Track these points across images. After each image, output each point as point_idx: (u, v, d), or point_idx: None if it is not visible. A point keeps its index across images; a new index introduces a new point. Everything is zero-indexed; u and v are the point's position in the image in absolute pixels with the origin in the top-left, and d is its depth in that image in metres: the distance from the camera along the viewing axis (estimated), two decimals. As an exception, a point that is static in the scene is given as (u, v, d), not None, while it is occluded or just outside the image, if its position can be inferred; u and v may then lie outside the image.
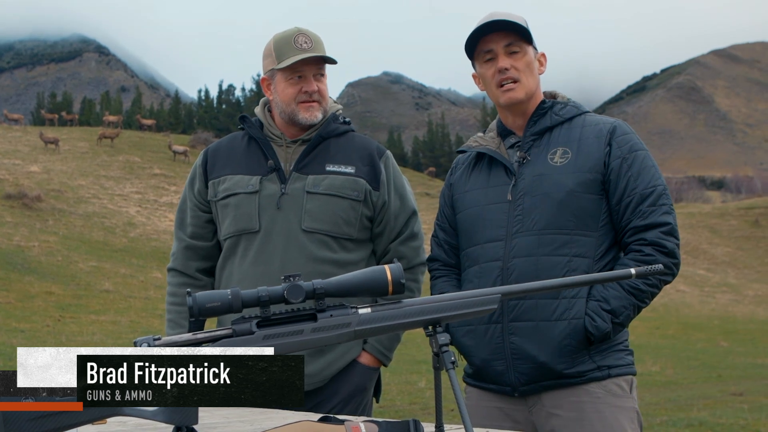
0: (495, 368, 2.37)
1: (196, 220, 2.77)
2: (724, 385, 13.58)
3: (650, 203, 2.32)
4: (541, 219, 2.34)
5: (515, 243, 2.35)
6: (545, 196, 2.35)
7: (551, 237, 2.32)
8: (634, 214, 2.33)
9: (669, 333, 24.21)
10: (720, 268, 50.44)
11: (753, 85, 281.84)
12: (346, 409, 2.60)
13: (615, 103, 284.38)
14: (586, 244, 2.33)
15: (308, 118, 2.66)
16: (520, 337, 2.32)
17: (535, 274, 2.30)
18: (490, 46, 2.42)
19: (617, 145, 2.37)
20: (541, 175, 2.38)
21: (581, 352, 2.31)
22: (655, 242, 2.30)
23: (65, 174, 34.91)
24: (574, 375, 2.31)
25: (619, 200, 2.34)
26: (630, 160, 2.36)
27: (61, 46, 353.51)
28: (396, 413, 8.93)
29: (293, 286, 1.61)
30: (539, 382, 2.33)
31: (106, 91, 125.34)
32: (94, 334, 14.23)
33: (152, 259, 24.37)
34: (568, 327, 2.29)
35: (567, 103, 2.49)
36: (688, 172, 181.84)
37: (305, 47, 2.61)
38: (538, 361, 2.31)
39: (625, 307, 2.29)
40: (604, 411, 2.31)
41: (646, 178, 2.34)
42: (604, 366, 2.33)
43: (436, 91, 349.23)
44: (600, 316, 2.28)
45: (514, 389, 2.36)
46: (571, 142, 2.40)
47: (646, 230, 2.31)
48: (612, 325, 2.28)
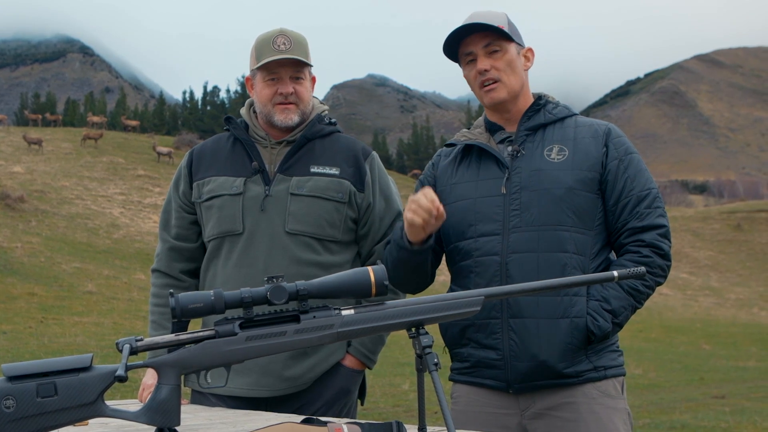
0: (492, 364, 2.36)
1: (180, 222, 2.76)
2: (707, 388, 13.67)
3: (647, 205, 2.35)
4: (541, 215, 2.33)
5: (514, 238, 2.34)
6: (545, 191, 2.34)
7: (552, 233, 2.32)
8: (631, 215, 2.34)
9: (652, 336, 24.33)
10: (702, 271, 50.75)
11: (735, 90, 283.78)
12: (330, 411, 2.59)
13: (599, 107, 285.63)
14: (584, 241, 2.34)
15: (283, 120, 2.65)
16: (521, 334, 2.30)
17: (535, 269, 2.29)
18: (470, 48, 2.43)
19: (614, 147, 2.39)
20: (538, 170, 2.37)
21: (579, 352, 2.31)
22: (653, 244, 2.32)
23: (48, 175, 34.71)
24: (572, 375, 2.31)
25: (617, 201, 2.36)
26: (626, 162, 2.38)
27: (45, 47, 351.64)
28: (379, 415, 8.93)
29: (276, 287, 1.60)
30: (536, 381, 2.32)
31: (90, 92, 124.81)
32: (77, 335, 14.14)
33: (136, 260, 24.25)
34: (570, 326, 2.28)
35: (558, 104, 2.51)
36: (671, 176, 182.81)
37: (282, 48, 2.60)
38: (539, 360, 2.29)
39: (625, 307, 2.31)
40: (599, 412, 2.31)
41: (642, 181, 2.37)
42: (600, 367, 2.34)
43: (421, 94, 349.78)
44: (602, 315, 2.29)
45: (509, 386, 2.34)
46: (567, 140, 2.40)
47: (644, 231, 2.33)
48: (612, 325, 2.30)
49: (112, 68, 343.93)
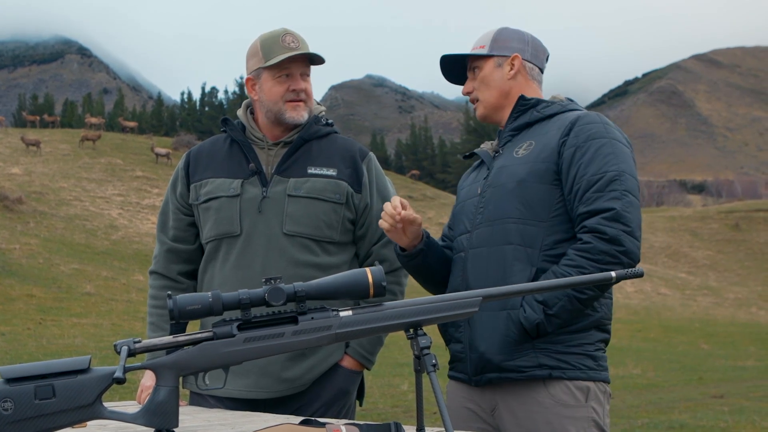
0: (459, 357, 2.41)
1: (178, 223, 2.76)
2: (705, 387, 13.67)
3: (596, 189, 2.22)
4: (495, 210, 2.36)
5: (476, 234, 2.40)
6: (501, 186, 2.38)
7: (501, 227, 2.33)
8: (580, 202, 2.24)
9: (650, 336, 24.35)
10: (701, 271, 50.78)
11: (733, 90, 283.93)
12: (328, 413, 2.60)
13: (597, 107, 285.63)
14: (533, 234, 2.29)
15: (295, 117, 2.65)
16: (472, 327, 2.34)
17: (485, 263, 2.33)
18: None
19: (575, 135, 2.31)
20: (502, 167, 2.41)
21: (523, 345, 2.25)
22: (595, 228, 2.19)
23: (47, 176, 34.66)
24: (512, 369, 2.26)
25: (570, 189, 2.28)
26: (585, 148, 2.28)
27: (42, 48, 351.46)
28: (378, 416, 8.93)
29: (274, 288, 1.61)
30: (484, 374, 2.32)
31: (88, 93, 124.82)
32: (76, 337, 14.13)
33: (134, 261, 24.23)
34: (507, 318, 2.26)
35: (554, 102, 2.49)
36: (669, 176, 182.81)
37: (293, 46, 2.61)
38: (479, 351, 2.31)
39: (559, 297, 2.19)
40: (553, 422, 2.25)
41: (598, 165, 2.25)
42: (546, 365, 2.24)
43: (419, 95, 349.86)
44: (531, 306, 2.22)
45: (469, 378, 2.37)
46: (540, 135, 2.40)
47: (589, 217, 2.22)
48: (545, 316, 2.20)
49: (110, 69, 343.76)
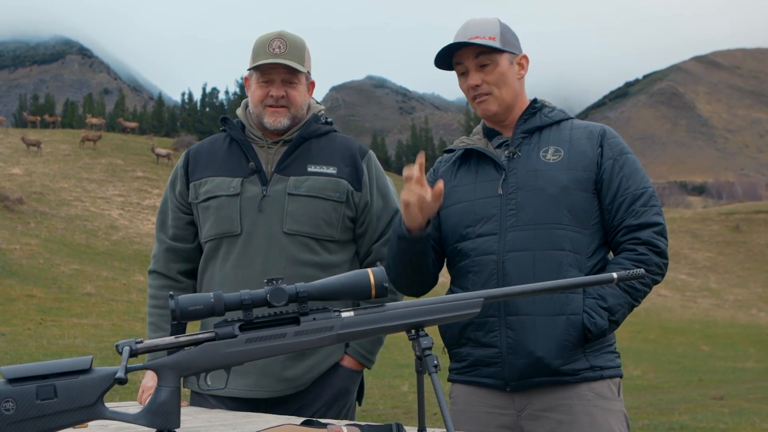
0: (490, 362, 2.36)
1: (177, 222, 2.75)
2: (705, 389, 13.67)
3: (642, 203, 2.36)
4: (537, 214, 2.35)
5: (510, 237, 2.36)
6: (540, 190, 2.36)
7: (547, 232, 2.34)
8: (627, 213, 2.36)
9: (650, 337, 24.34)
10: (701, 272, 50.76)
11: (734, 92, 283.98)
12: (329, 412, 2.60)
13: (598, 108, 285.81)
14: (580, 240, 2.35)
15: (272, 123, 2.65)
16: (518, 331, 2.31)
17: (531, 267, 2.31)
18: (461, 59, 2.46)
19: (609, 147, 2.42)
20: (534, 170, 2.39)
21: (577, 349, 2.31)
22: (649, 242, 2.33)
23: (47, 176, 34.67)
24: (568, 372, 2.31)
25: (612, 199, 2.37)
26: (621, 161, 2.40)
27: (43, 48, 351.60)
28: (379, 417, 8.93)
29: (276, 289, 1.61)
30: (532, 378, 2.32)
31: (89, 94, 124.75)
32: (76, 337, 14.13)
33: (135, 262, 24.23)
34: (566, 323, 2.29)
35: (554, 108, 2.54)
36: (670, 177, 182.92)
37: (276, 52, 2.60)
38: (535, 356, 2.30)
39: (621, 305, 2.31)
40: (594, 414, 2.31)
41: (638, 180, 2.39)
42: (597, 366, 2.34)
43: (420, 96, 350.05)
44: (598, 313, 2.30)
45: (506, 383, 2.35)
46: (563, 142, 2.43)
47: (640, 229, 2.34)
48: (608, 323, 2.30)
49: (110, 70, 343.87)
